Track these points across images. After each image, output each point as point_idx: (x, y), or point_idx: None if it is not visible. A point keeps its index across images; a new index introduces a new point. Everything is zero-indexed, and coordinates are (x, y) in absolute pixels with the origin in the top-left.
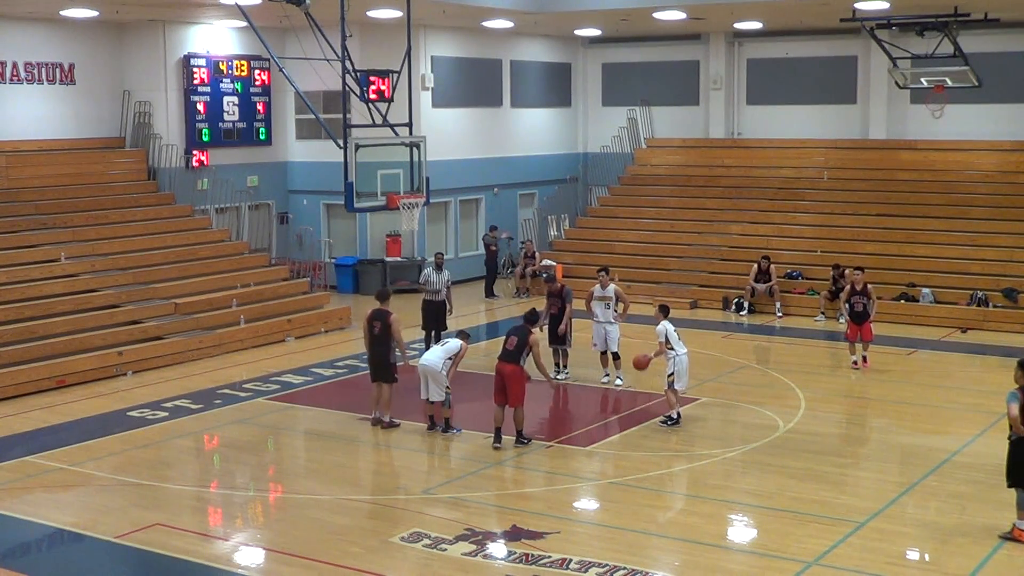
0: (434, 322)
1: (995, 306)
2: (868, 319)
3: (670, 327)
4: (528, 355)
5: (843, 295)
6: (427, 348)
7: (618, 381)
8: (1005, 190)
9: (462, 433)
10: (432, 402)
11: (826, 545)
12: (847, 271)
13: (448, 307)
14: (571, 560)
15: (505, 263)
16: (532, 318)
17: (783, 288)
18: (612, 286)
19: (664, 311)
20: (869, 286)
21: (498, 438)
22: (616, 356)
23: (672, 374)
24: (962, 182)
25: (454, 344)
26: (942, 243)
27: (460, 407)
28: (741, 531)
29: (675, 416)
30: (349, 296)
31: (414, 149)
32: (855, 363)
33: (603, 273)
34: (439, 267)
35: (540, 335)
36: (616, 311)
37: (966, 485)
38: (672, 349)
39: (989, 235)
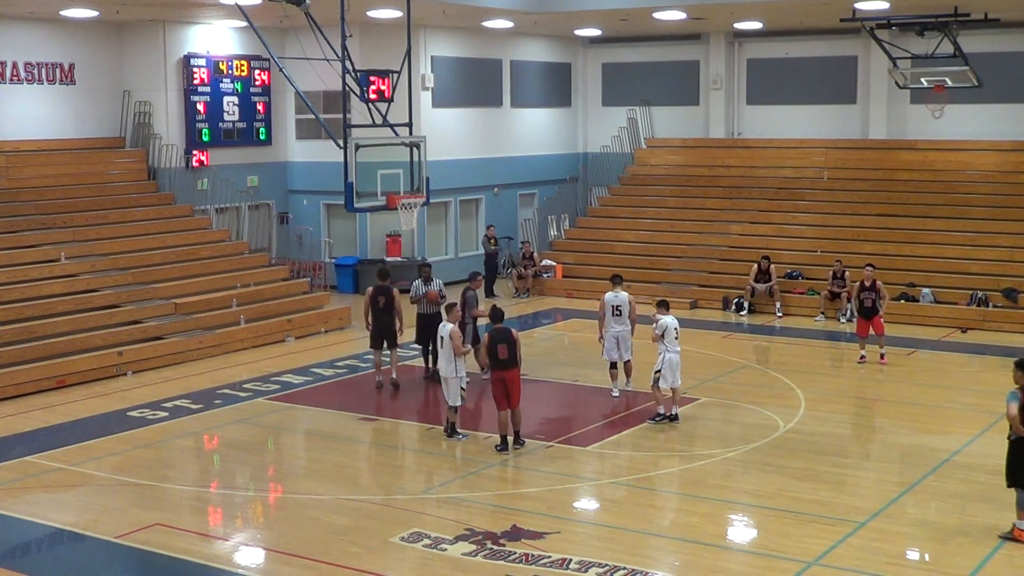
0: (427, 335)
1: (995, 306)
2: (877, 314)
3: (674, 323)
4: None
5: (854, 291)
6: (424, 361)
7: (629, 386)
8: (1005, 190)
9: (468, 437)
10: (451, 407)
11: (826, 545)
12: (847, 272)
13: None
14: (571, 560)
15: (505, 263)
16: (498, 315)
17: (783, 288)
18: (623, 293)
19: (666, 306)
20: (879, 282)
21: (505, 445)
22: (627, 364)
23: (659, 371)
24: (962, 182)
25: (447, 338)
26: (942, 243)
27: (461, 408)
28: (741, 531)
29: (662, 412)
30: (349, 296)
31: (414, 149)
32: (862, 357)
33: (618, 279)
34: (428, 280)
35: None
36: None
37: (966, 485)
38: (664, 345)
39: (989, 235)
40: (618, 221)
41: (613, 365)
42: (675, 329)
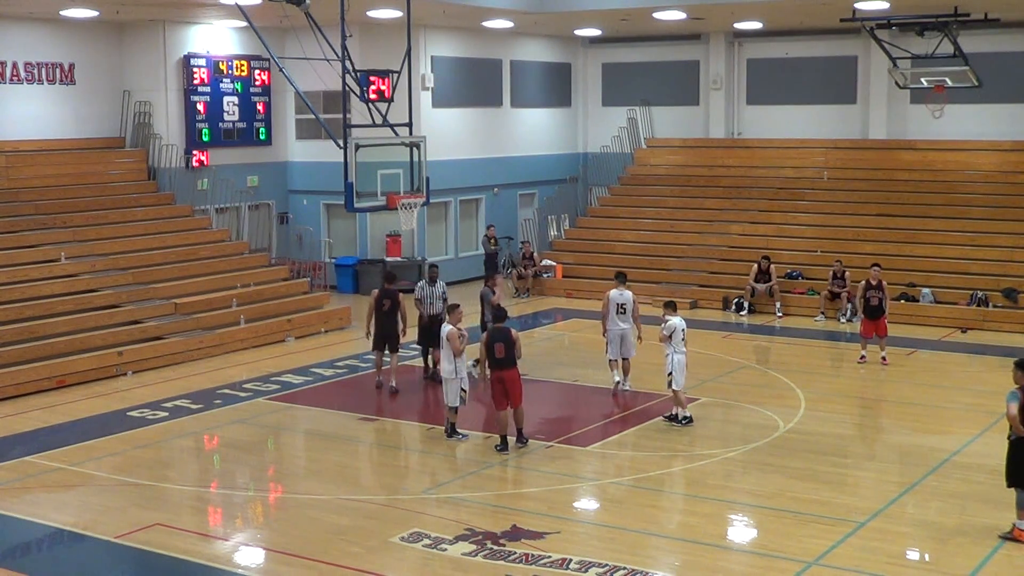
0: (428, 338)
1: (995, 306)
2: (883, 314)
3: (682, 324)
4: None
5: (860, 290)
6: (424, 363)
7: (627, 386)
8: (1005, 190)
9: (468, 437)
10: (451, 407)
11: (826, 545)
12: (847, 272)
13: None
14: (571, 560)
15: (505, 263)
16: (501, 315)
17: (783, 288)
18: (628, 291)
19: (673, 307)
20: (884, 282)
21: (505, 445)
22: (626, 363)
23: (671, 374)
24: (962, 182)
25: (445, 339)
26: (942, 243)
27: (461, 408)
28: (741, 531)
29: (683, 415)
30: (349, 296)
31: (414, 149)
32: (863, 357)
33: (623, 276)
34: (433, 280)
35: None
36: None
37: (966, 485)
38: (672, 346)
39: (989, 235)
40: (618, 221)
41: (614, 360)
42: (682, 331)
